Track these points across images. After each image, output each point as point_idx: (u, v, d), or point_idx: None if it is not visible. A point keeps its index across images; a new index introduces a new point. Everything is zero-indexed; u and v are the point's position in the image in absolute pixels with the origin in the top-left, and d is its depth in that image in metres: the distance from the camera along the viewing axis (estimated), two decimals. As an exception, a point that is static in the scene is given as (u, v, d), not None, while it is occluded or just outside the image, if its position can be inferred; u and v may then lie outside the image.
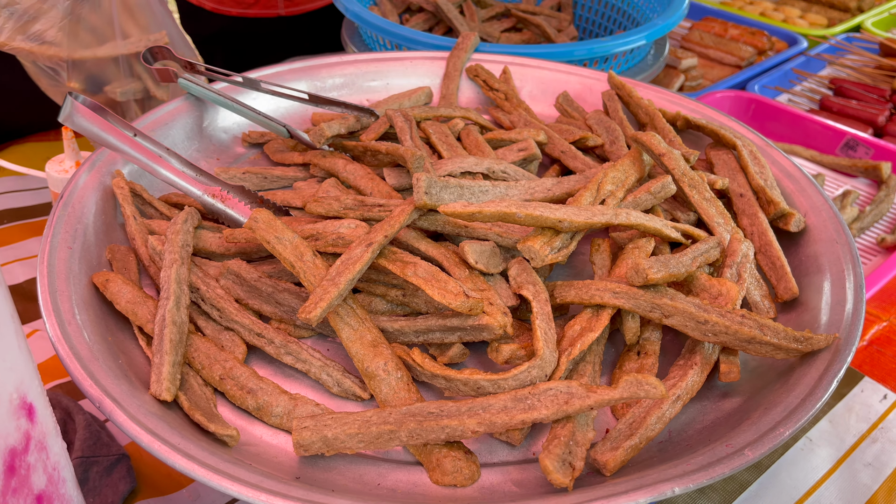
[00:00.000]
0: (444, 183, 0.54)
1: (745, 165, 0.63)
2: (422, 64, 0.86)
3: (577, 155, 0.69)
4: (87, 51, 0.79)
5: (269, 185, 0.69)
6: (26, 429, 0.35)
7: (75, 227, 0.56)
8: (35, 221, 0.91)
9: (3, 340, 0.32)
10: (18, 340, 0.34)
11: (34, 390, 0.35)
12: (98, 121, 0.61)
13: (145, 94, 0.85)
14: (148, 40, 0.82)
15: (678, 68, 1.21)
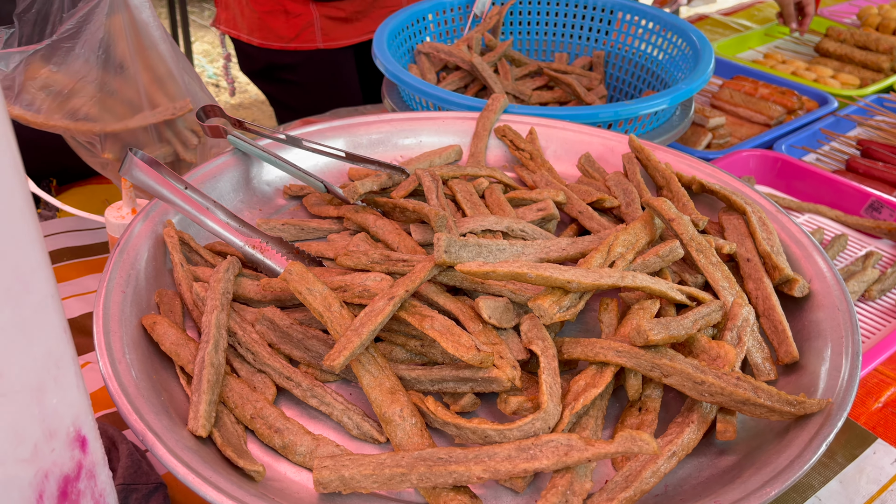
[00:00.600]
0: (462, 242, 0.59)
1: (754, 231, 0.66)
2: (453, 123, 0.91)
3: (593, 216, 0.73)
4: (120, 123, 0.86)
5: (305, 237, 0.75)
6: (79, 458, 0.40)
7: (129, 272, 0.62)
8: (91, 260, 0.99)
9: (65, 380, 0.38)
10: (77, 379, 0.39)
11: (88, 424, 0.40)
12: (153, 174, 0.68)
13: (174, 158, 0.93)
14: (175, 108, 0.89)
15: (706, 126, 1.25)
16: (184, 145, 0.89)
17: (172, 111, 0.86)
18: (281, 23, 1.54)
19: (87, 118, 0.87)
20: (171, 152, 0.89)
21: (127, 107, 0.86)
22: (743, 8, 2.05)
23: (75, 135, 0.87)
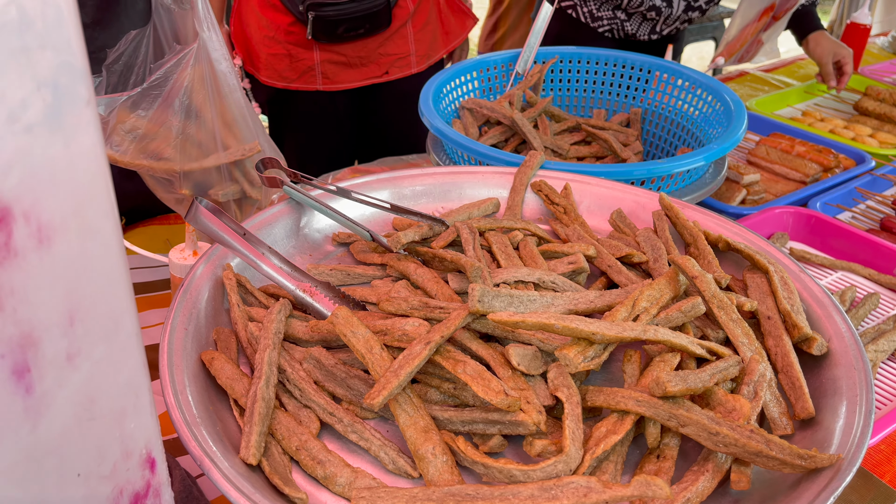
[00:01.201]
0: (495, 293, 0.63)
1: (775, 290, 0.69)
2: (492, 177, 0.97)
3: (621, 270, 0.77)
4: (195, 163, 0.94)
5: (351, 281, 0.80)
6: (148, 478, 0.46)
7: (191, 311, 0.68)
8: (153, 295, 1.06)
9: (142, 407, 0.43)
10: (151, 407, 0.44)
11: (157, 447, 0.46)
12: (215, 221, 0.74)
13: (242, 195, 1.00)
14: (244, 150, 0.97)
15: (740, 183, 1.28)
16: (250, 184, 0.97)
17: (242, 152, 0.94)
18: (285, 65, 1.68)
19: (167, 158, 0.95)
20: (238, 190, 0.97)
21: (201, 148, 0.94)
22: (784, 65, 2.09)
23: (157, 173, 0.96)
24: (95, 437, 0.40)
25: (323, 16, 1.64)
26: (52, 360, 0.35)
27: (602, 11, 1.89)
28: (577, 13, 1.90)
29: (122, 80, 1.02)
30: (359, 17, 1.67)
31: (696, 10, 1.87)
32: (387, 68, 1.81)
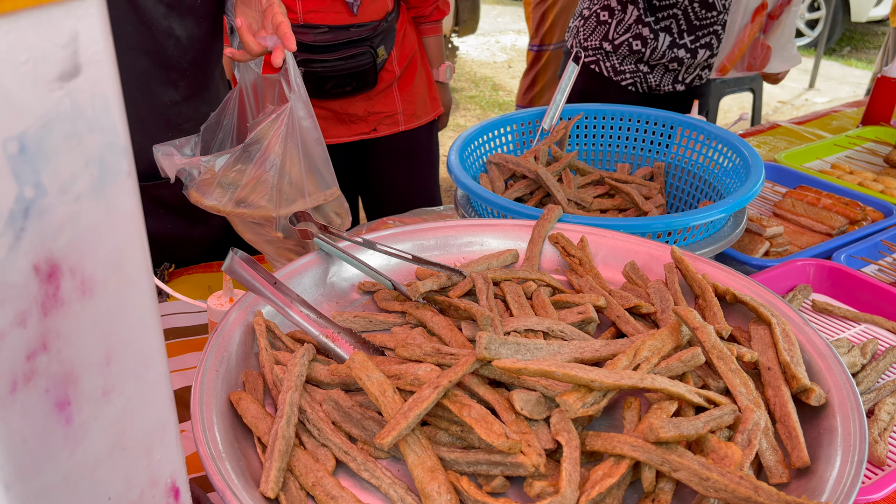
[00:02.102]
0: (502, 340, 0.67)
1: (776, 342, 0.72)
2: (512, 230, 1.01)
3: (629, 320, 0.80)
4: (285, 209, 1.05)
5: (373, 328, 0.85)
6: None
7: (223, 353, 0.74)
8: (192, 339, 1.13)
9: (168, 440, 0.48)
10: (177, 441, 0.49)
11: (181, 478, 0.51)
12: (248, 271, 0.81)
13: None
14: (325, 195, 1.08)
15: (763, 235, 1.29)
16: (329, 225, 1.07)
17: (324, 198, 1.05)
18: None
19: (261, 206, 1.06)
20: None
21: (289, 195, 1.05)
22: (817, 117, 2.10)
23: (255, 219, 1.06)
24: (125, 465, 0.45)
25: (311, 71, 1.78)
26: (89, 395, 0.40)
27: (625, 65, 1.95)
28: (601, 68, 1.96)
29: (210, 138, 1.13)
30: (346, 74, 1.82)
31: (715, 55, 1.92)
32: (375, 125, 1.94)
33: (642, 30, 1.89)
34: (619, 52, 1.93)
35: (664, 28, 1.89)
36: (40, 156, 0.35)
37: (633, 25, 1.89)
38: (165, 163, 1.02)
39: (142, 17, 1.14)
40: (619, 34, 1.92)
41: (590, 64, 1.99)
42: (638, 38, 1.90)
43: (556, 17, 3.39)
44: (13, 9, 0.32)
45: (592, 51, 1.98)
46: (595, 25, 1.97)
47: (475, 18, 4.87)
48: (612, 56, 1.95)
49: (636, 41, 1.90)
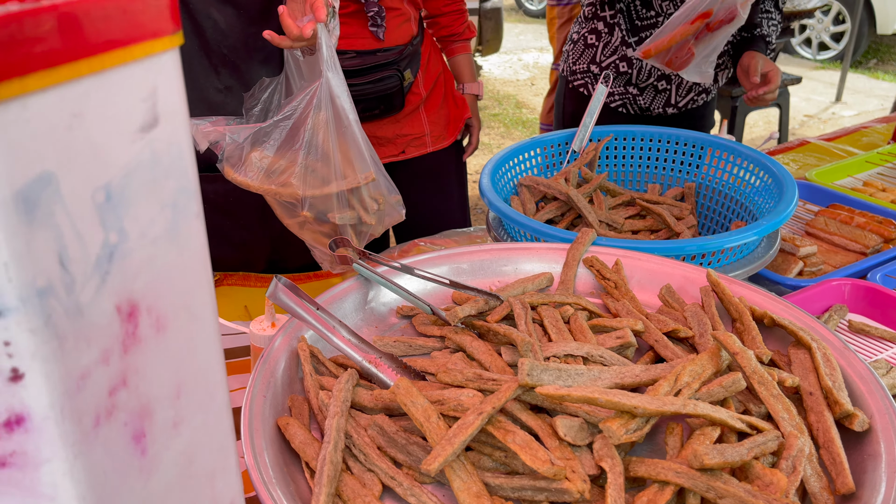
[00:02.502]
0: (544, 366, 0.68)
1: (817, 366, 0.72)
2: (546, 253, 1.03)
3: (667, 344, 0.81)
4: (317, 190, 1.06)
5: (412, 352, 0.87)
6: (232, 530, 0.52)
7: (269, 379, 0.76)
8: (234, 361, 1.15)
9: (229, 468, 0.50)
10: (236, 468, 0.51)
11: (240, 502, 0.52)
12: (292, 297, 0.83)
13: (358, 220, 1.10)
14: (360, 178, 1.08)
15: (797, 255, 1.29)
16: (365, 210, 1.07)
17: (358, 181, 1.05)
18: None
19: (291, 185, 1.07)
20: (355, 216, 1.07)
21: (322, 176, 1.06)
22: (846, 133, 2.09)
23: (283, 197, 1.08)
24: (192, 492, 0.47)
25: None
26: (162, 427, 0.42)
27: (613, 87, 1.96)
28: (589, 91, 1.98)
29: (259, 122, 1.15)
30: (374, 98, 1.86)
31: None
32: (403, 147, 1.97)
33: (627, 51, 1.91)
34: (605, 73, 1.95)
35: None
36: (123, 203, 0.37)
37: (619, 47, 1.91)
38: (198, 135, 1.04)
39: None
40: (605, 56, 1.94)
41: (578, 87, 2.01)
42: (624, 60, 1.91)
43: None
44: (102, 68, 0.34)
45: (581, 74, 2.00)
46: (583, 49, 1.99)
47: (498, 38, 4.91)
48: (599, 78, 1.96)
49: (622, 62, 1.92)
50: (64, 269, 0.34)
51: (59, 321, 0.34)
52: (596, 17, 1.95)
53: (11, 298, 0.32)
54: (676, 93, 1.95)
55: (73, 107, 0.33)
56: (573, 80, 2.03)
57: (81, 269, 0.35)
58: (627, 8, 1.88)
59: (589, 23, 1.97)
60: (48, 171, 0.32)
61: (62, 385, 0.34)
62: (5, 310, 0.32)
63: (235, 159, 1.07)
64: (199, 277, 0.44)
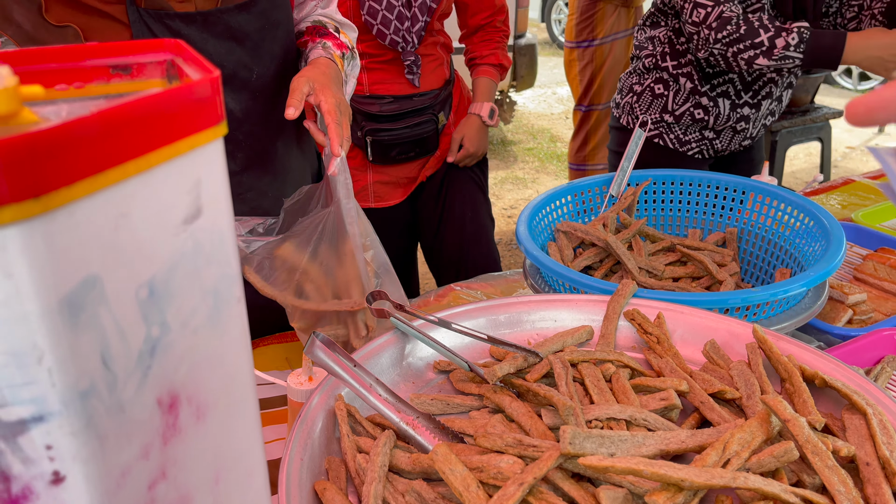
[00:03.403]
0: (586, 434, 0.67)
1: (874, 434, 0.69)
2: (585, 305, 1.01)
3: (714, 407, 0.78)
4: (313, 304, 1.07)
5: (450, 411, 0.85)
6: None
7: (306, 441, 0.75)
8: (269, 412, 1.15)
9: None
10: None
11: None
12: (329, 354, 0.82)
13: (346, 339, 1.11)
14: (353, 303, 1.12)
15: (845, 303, 1.25)
16: (356, 334, 1.07)
17: (352, 305, 1.06)
18: None
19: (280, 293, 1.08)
20: (345, 335, 1.06)
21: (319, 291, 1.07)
22: (893, 170, 2.04)
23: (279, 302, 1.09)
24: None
25: (378, 140, 1.89)
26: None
27: (689, 134, 1.94)
28: (665, 140, 1.96)
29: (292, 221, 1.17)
30: (410, 141, 1.91)
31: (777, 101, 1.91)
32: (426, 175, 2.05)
33: (700, 99, 1.89)
34: (681, 122, 1.93)
35: (722, 93, 1.88)
36: (166, 296, 0.37)
37: (690, 95, 1.89)
38: None
39: None
40: (678, 104, 1.92)
41: (652, 138, 1.98)
42: (699, 107, 1.90)
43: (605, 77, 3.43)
44: (149, 167, 0.34)
45: (654, 124, 1.98)
46: (651, 100, 1.97)
47: (533, 73, 4.93)
48: (674, 127, 1.94)
49: (697, 110, 1.90)
50: (106, 369, 0.34)
51: (101, 421, 0.33)
52: (657, 67, 1.94)
53: (54, 403, 0.31)
54: (752, 127, 1.94)
55: (120, 208, 0.33)
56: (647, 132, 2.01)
57: (123, 367, 0.35)
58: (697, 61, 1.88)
59: (651, 73, 1.96)
60: (93, 275, 0.32)
61: (102, 485, 0.34)
62: (48, 414, 0.32)
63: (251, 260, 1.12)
64: (239, 361, 0.44)
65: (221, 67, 1.15)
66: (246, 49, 1.18)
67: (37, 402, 0.31)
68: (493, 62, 2.06)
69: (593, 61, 3.43)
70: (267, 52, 1.21)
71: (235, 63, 1.17)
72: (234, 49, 1.16)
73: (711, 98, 1.89)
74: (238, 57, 1.17)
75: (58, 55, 0.43)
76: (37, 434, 0.31)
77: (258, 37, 1.18)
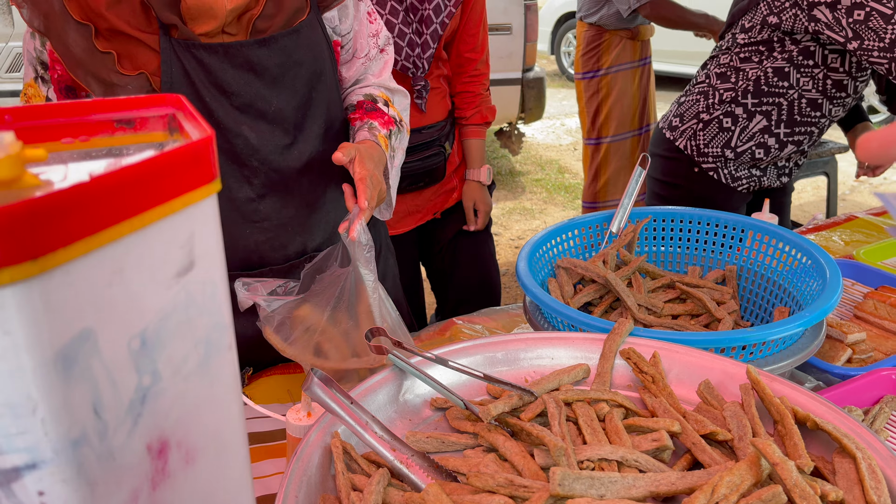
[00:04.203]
0: (576, 475, 0.67)
1: (862, 478, 0.69)
2: (582, 343, 1.02)
3: (705, 448, 0.79)
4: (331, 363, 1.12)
5: (445, 449, 0.86)
6: None
7: (301, 478, 0.76)
8: (270, 445, 1.16)
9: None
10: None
11: None
12: (326, 391, 0.84)
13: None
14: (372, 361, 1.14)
15: (844, 342, 1.25)
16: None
17: (370, 363, 1.10)
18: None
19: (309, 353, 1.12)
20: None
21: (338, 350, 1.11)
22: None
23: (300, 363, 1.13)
24: None
25: None
26: (188, 557, 0.43)
27: (740, 171, 1.96)
28: (720, 175, 1.98)
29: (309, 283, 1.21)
30: (420, 172, 1.98)
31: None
32: (437, 210, 2.16)
33: (768, 140, 1.89)
34: (739, 159, 1.94)
35: (794, 141, 1.90)
36: (158, 346, 0.39)
37: (756, 134, 1.90)
38: (241, 294, 1.12)
39: (212, 115, 1.21)
40: (742, 142, 1.92)
41: (708, 171, 1.99)
42: (762, 147, 1.90)
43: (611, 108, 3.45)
44: (143, 226, 0.36)
45: (713, 158, 1.98)
46: (717, 132, 1.96)
47: (541, 106, 4.99)
48: (731, 163, 1.96)
49: (759, 150, 1.91)
50: (98, 418, 0.35)
51: (91, 468, 0.35)
52: (734, 101, 1.91)
53: (46, 452, 0.33)
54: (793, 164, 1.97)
55: (115, 265, 0.35)
56: (702, 162, 2.00)
57: (114, 416, 0.36)
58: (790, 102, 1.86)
59: (724, 106, 1.95)
60: (87, 328, 0.34)
61: (92, 530, 0.35)
62: (40, 462, 0.33)
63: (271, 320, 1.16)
64: (228, 406, 0.45)
65: (238, 96, 1.21)
66: (264, 82, 1.23)
67: (30, 451, 0.33)
68: (478, 122, 2.14)
69: (599, 92, 3.46)
70: (287, 87, 1.26)
71: (254, 94, 1.23)
72: (252, 81, 1.22)
73: (781, 141, 1.88)
74: (256, 89, 1.23)
75: (64, 111, 0.46)
76: (30, 481, 0.33)
77: (278, 72, 1.24)
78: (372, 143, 1.29)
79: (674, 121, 2.10)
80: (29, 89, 1.20)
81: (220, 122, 1.22)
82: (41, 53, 1.17)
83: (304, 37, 1.26)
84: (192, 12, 1.15)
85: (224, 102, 1.21)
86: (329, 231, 1.43)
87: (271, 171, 1.29)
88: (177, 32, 1.16)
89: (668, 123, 2.10)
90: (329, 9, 1.31)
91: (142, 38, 1.15)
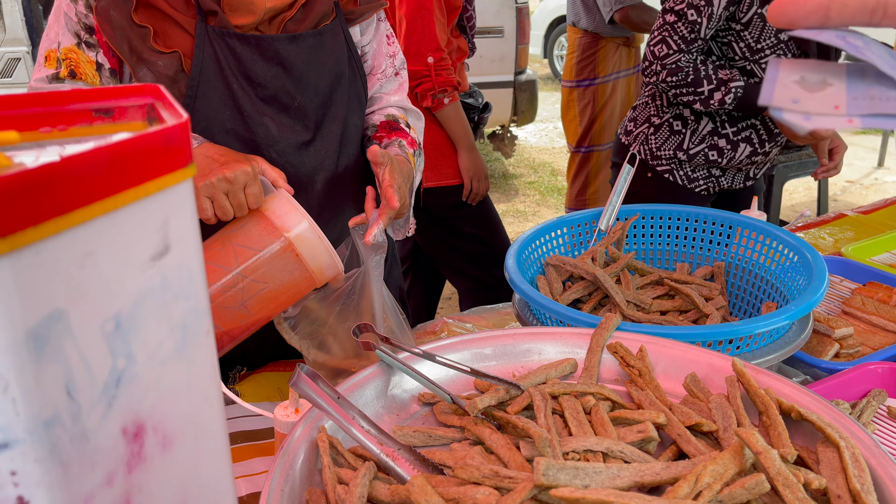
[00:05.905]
0: (560, 465, 0.68)
1: (846, 467, 0.70)
2: (570, 338, 1.02)
3: (690, 439, 0.79)
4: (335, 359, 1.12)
5: (432, 443, 0.86)
6: None
7: (287, 472, 0.76)
8: (259, 444, 1.16)
9: (235, 575, 0.50)
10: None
11: None
12: (313, 387, 0.84)
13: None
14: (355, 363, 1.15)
15: (832, 337, 1.26)
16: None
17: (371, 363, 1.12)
18: None
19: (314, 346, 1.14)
20: None
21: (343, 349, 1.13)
22: (887, 205, 2.06)
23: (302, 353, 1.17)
24: None
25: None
26: (166, 542, 0.43)
27: (697, 173, 1.96)
28: (675, 177, 1.98)
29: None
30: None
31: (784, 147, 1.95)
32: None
33: (718, 141, 1.90)
34: (693, 161, 1.95)
35: (745, 138, 1.90)
36: (132, 330, 0.39)
37: (707, 136, 1.91)
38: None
39: (237, 103, 1.24)
40: (693, 144, 1.93)
41: (663, 173, 1.99)
42: (714, 149, 1.91)
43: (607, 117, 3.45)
44: (115, 208, 0.36)
45: (666, 160, 1.99)
46: (668, 135, 1.97)
47: (533, 108, 5.00)
48: (685, 165, 1.96)
49: (712, 151, 1.91)
50: (71, 399, 0.35)
51: (64, 449, 0.35)
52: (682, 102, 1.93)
53: (18, 431, 0.33)
54: (756, 168, 1.98)
55: (86, 246, 0.35)
56: (656, 165, 2.01)
57: (88, 397, 0.36)
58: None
59: (672, 109, 1.96)
60: (59, 309, 0.34)
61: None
62: (12, 442, 0.33)
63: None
64: (207, 392, 0.45)
65: (265, 87, 1.25)
66: (291, 77, 1.27)
67: (2, 430, 0.33)
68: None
69: (594, 100, 3.44)
70: (311, 85, 1.29)
71: (279, 87, 1.26)
72: (280, 74, 1.26)
73: (732, 141, 1.90)
74: (283, 83, 1.26)
75: (42, 100, 0.46)
76: (2, 460, 0.33)
77: (304, 68, 1.28)
78: (403, 159, 1.33)
79: (629, 125, 2.10)
80: (71, 54, 1.20)
81: (244, 111, 1.25)
82: (86, 17, 1.19)
83: (327, 39, 1.30)
84: (232, 4, 1.20)
85: (250, 92, 1.24)
86: (336, 234, 1.43)
87: (287, 164, 1.31)
88: (214, 20, 1.20)
89: (624, 129, 2.12)
90: (355, 23, 1.36)
91: (178, 19, 1.19)
